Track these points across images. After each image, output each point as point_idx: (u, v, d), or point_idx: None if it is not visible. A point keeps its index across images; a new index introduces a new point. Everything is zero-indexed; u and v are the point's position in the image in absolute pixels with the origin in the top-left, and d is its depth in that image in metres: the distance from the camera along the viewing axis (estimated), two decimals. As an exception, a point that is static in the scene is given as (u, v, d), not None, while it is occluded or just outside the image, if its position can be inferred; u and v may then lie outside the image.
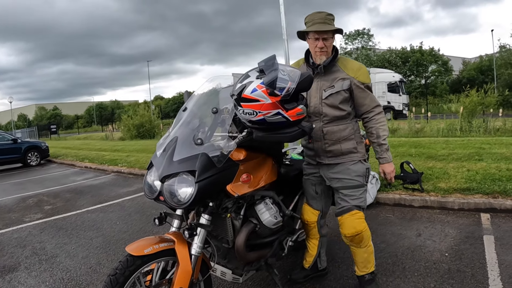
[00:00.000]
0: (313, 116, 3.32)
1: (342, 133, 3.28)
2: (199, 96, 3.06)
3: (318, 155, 3.38)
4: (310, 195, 3.60)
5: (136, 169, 12.04)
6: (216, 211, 2.81)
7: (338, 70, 3.26)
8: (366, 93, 3.28)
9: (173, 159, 2.63)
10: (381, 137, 3.29)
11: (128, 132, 27.41)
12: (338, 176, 3.32)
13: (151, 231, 5.82)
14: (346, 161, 3.31)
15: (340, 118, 3.28)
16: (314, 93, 3.29)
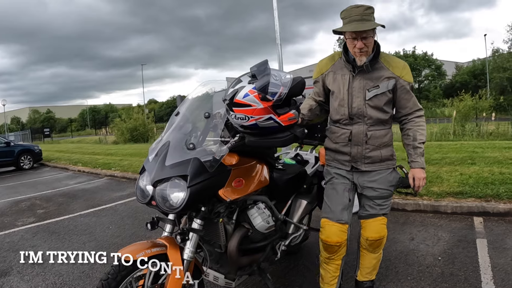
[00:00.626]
0: (356, 118, 3.10)
1: (384, 139, 3.12)
2: (192, 101, 3.05)
3: (355, 160, 3.16)
4: (341, 203, 3.19)
5: (129, 173, 12.02)
6: (208, 215, 2.80)
7: (382, 68, 3.03)
8: (410, 94, 3.08)
9: (165, 164, 2.62)
10: (417, 140, 3.05)
11: (121, 135, 27.38)
12: (374, 185, 3.14)
13: (143, 235, 5.79)
14: (383, 168, 3.15)
15: (383, 121, 3.11)
16: (357, 93, 3.05)
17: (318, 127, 3.97)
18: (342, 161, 3.22)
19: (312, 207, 3.88)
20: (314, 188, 3.79)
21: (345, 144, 3.17)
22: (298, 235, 3.65)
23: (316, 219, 5.43)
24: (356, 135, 3.10)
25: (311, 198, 3.74)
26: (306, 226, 3.77)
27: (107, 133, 35.02)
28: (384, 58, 3.05)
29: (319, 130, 3.95)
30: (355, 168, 3.17)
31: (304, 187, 3.68)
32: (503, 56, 41.84)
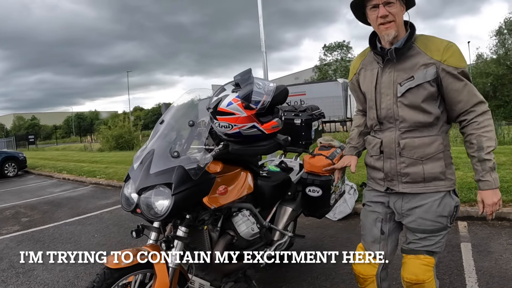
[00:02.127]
0: (386, 123, 2.46)
1: (427, 149, 2.35)
2: (176, 109, 3.06)
3: (389, 178, 2.49)
4: (371, 235, 2.69)
5: (114, 181, 11.95)
6: (193, 223, 2.80)
7: (419, 53, 2.31)
8: (462, 83, 2.26)
9: (149, 172, 2.62)
10: (483, 150, 2.24)
11: (107, 143, 27.24)
12: (415, 214, 2.43)
13: (129, 243, 5.76)
14: (429, 191, 2.38)
15: (425, 125, 2.35)
16: (386, 90, 2.41)
17: (302, 135, 4.00)
18: (377, 179, 2.61)
19: (297, 214, 3.89)
20: (298, 195, 3.80)
21: (378, 158, 2.56)
22: (283, 242, 3.66)
23: (301, 225, 5.48)
24: (387, 144, 2.47)
25: (296, 205, 3.76)
26: (291, 233, 3.79)
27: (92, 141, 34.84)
28: (420, 41, 2.34)
29: (304, 138, 3.98)
30: (390, 188, 2.52)
31: (289, 194, 3.69)
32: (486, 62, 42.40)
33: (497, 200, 2.26)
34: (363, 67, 2.60)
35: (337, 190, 3.88)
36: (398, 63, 2.35)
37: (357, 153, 2.90)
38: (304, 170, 3.76)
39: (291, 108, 4.27)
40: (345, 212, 6.13)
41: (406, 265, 2.51)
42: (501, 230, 5.21)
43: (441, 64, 2.24)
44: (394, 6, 2.25)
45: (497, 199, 2.26)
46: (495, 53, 42.66)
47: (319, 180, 3.62)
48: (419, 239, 2.45)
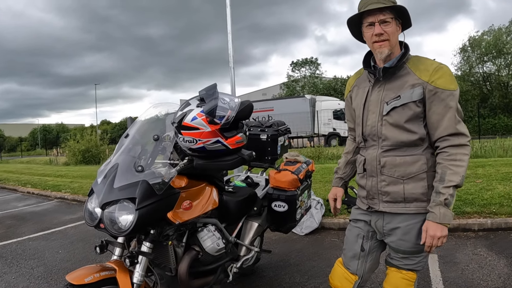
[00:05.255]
0: (370, 140, 2.46)
1: (409, 168, 2.31)
2: (142, 123, 3.05)
3: (371, 196, 2.48)
4: (351, 250, 2.64)
5: (80, 195, 11.74)
6: (158, 238, 2.78)
7: (408, 73, 2.30)
8: (445, 107, 2.21)
9: (113, 186, 2.60)
10: (444, 182, 2.17)
11: (73, 157, 26.83)
12: (396, 235, 2.40)
13: (94, 259, 5.65)
14: (410, 212, 2.33)
15: (408, 144, 2.31)
16: (373, 107, 2.41)
17: (268, 150, 4.02)
18: (361, 197, 2.60)
19: (263, 229, 3.91)
20: (264, 210, 3.82)
21: (362, 175, 2.55)
22: (250, 257, 3.67)
23: (268, 240, 5.48)
24: (369, 162, 2.46)
25: (262, 220, 3.77)
26: (257, 248, 3.79)
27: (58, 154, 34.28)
28: (412, 62, 2.35)
29: (270, 153, 4.00)
30: (371, 207, 2.50)
31: (255, 209, 3.70)
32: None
33: (440, 235, 2.17)
34: (357, 84, 2.61)
35: (303, 205, 3.91)
36: (388, 82, 2.36)
37: (344, 183, 2.86)
38: (270, 185, 3.78)
39: (257, 124, 4.29)
40: (312, 226, 6.16)
41: (389, 276, 2.52)
42: (466, 241, 5.37)
43: (428, 84, 2.22)
44: (390, 26, 2.28)
45: (440, 234, 2.16)
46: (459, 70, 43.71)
47: (284, 195, 3.64)
48: (401, 258, 2.43)
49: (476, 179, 8.37)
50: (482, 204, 6.40)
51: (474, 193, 7.06)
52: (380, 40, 2.29)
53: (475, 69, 42.67)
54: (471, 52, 42.20)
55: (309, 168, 3.98)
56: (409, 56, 2.37)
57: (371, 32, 2.30)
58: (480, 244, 5.21)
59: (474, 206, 6.32)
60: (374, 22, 2.28)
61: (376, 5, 2.24)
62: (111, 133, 57.43)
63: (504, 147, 14.29)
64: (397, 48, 2.37)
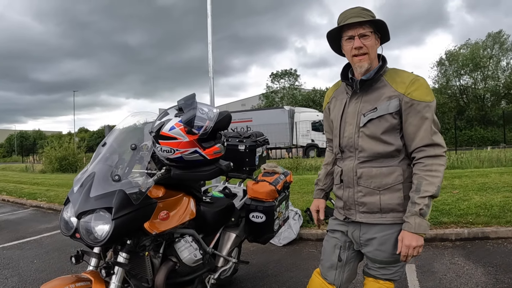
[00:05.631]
0: (347, 151, 2.47)
1: (385, 179, 2.33)
2: (120, 131, 3.03)
3: (348, 207, 2.48)
4: (329, 261, 2.63)
5: (56, 204, 11.58)
6: (134, 249, 2.75)
7: (385, 86, 2.33)
8: (421, 119, 2.24)
9: (89, 195, 2.56)
10: (419, 192, 2.19)
11: (50, 164, 26.47)
12: (373, 246, 2.41)
13: (70, 270, 5.55)
14: (386, 222, 2.34)
15: (384, 156, 2.34)
16: (350, 119, 2.42)
17: (246, 161, 4.02)
18: (338, 208, 2.60)
19: (241, 240, 3.90)
20: (242, 221, 3.81)
21: (339, 186, 2.56)
22: (227, 268, 3.65)
23: (246, 251, 5.47)
24: (346, 173, 2.47)
25: (240, 231, 3.76)
26: (235, 259, 3.77)
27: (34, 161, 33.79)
28: (389, 74, 2.38)
29: (248, 164, 4.00)
30: (348, 218, 2.51)
31: (232, 220, 3.69)
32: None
33: (415, 245, 2.19)
34: (335, 96, 2.63)
35: (281, 215, 3.91)
36: (365, 94, 2.38)
37: (325, 195, 2.87)
38: (248, 196, 3.77)
39: (236, 134, 4.30)
40: (290, 237, 6.16)
41: (367, 286, 2.53)
42: (443, 251, 5.45)
43: (404, 96, 2.24)
44: (369, 39, 2.30)
45: (415, 243, 2.18)
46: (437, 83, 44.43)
47: (262, 206, 3.64)
48: (378, 268, 2.45)
49: (453, 189, 8.53)
50: (459, 214, 6.53)
51: (451, 203, 7.23)
52: (360, 54, 2.31)
53: (452, 82, 43.53)
54: (448, 65, 42.98)
55: (287, 179, 3.99)
56: (386, 69, 2.40)
57: (351, 45, 2.33)
58: (457, 254, 5.30)
59: (451, 216, 6.45)
60: (353, 35, 2.31)
61: (356, 19, 2.27)
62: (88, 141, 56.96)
63: (480, 158, 14.59)
64: (376, 61, 2.39)
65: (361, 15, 2.29)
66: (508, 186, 8.54)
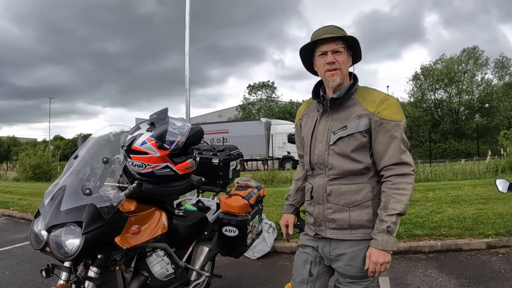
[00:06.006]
0: (317, 169, 2.49)
1: (354, 196, 2.35)
2: (92, 144, 3.01)
3: (318, 223, 2.49)
4: (300, 276, 2.63)
5: (28, 214, 11.37)
6: (105, 263, 2.73)
7: (355, 104, 2.37)
8: (390, 138, 2.28)
9: (60, 209, 2.54)
10: (387, 210, 2.21)
11: (23, 172, 26.04)
12: (343, 261, 2.41)
13: (41, 282, 5.47)
14: (356, 238, 2.36)
15: (353, 173, 2.36)
16: (321, 137, 2.45)
17: (220, 174, 4.03)
18: (309, 224, 2.61)
19: (214, 254, 3.89)
20: (215, 234, 3.80)
21: (309, 203, 2.57)
22: (200, 282, 3.63)
23: (220, 264, 5.46)
24: (316, 190, 2.49)
25: (213, 245, 3.75)
26: (208, 272, 3.76)
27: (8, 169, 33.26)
28: (360, 93, 2.42)
29: (221, 177, 4.01)
30: (318, 234, 2.51)
31: (205, 233, 3.67)
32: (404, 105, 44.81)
33: (383, 261, 2.20)
34: (306, 113, 2.65)
35: (254, 229, 3.91)
36: (336, 112, 2.41)
37: (294, 210, 2.88)
38: (221, 210, 3.77)
39: (210, 148, 4.30)
40: (264, 250, 6.17)
41: None
42: (417, 263, 5.53)
43: (374, 115, 2.28)
44: (342, 55, 2.33)
45: (382, 260, 2.20)
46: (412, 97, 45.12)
47: (235, 220, 3.63)
48: (348, 283, 2.44)
49: (427, 202, 8.64)
50: (432, 227, 6.64)
51: (425, 216, 7.33)
52: (332, 69, 2.34)
53: (427, 96, 44.32)
54: (424, 80, 43.70)
55: (261, 193, 4.00)
56: (357, 87, 2.44)
57: (324, 61, 2.35)
58: (430, 266, 5.39)
59: (424, 229, 6.54)
60: (327, 51, 2.34)
61: (330, 34, 2.31)
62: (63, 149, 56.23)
63: (454, 171, 14.80)
64: (347, 79, 2.43)
65: (334, 32, 2.33)
66: (481, 199, 8.70)
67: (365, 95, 2.38)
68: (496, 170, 15.08)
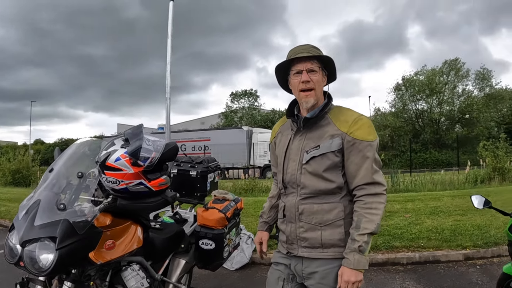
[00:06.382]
0: (290, 187, 2.50)
1: (326, 215, 2.35)
2: (68, 157, 2.98)
3: (290, 241, 2.50)
4: None
5: (6, 220, 11.21)
6: (79, 278, 2.70)
7: (329, 124, 2.39)
8: (363, 158, 2.30)
9: (34, 224, 2.52)
10: (359, 229, 2.22)
11: (3, 177, 25.64)
12: (315, 279, 2.39)
13: (16, 293, 5.42)
14: (328, 257, 2.35)
15: (325, 192, 2.36)
16: (294, 156, 2.46)
17: (198, 186, 4.03)
18: (282, 241, 2.61)
19: (191, 266, 3.87)
20: (192, 247, 3.79)
21: (282, 221, 2.57)
22: (177, 294, 3.62)
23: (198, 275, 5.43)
24: (288, 208, 2.49)
25: (190, 258, 3.74)
26: (185, 285, 3.75)
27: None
28: (333, 113, 2.43)
29: (199, 190, 4.00)
30: (290, 252, 2.52)
31: (182, 246, 3.66)
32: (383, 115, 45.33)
33: (354, 280, 2.19)
34: (281, 131, 2.67)
35: (230, 242, 3.90)
36: (309, 131, 2.42)
37: (268, 227, 2.89)
38: (197, 223, 3.77)
39: (188, 160, 4.29)
40: (243, 261, 6.17)
41: None
42: (395, 275, 5.58)
43: (347, 135, 2.29)
44: (317, 75, 2.36)
45: (354, 279, 2.19)
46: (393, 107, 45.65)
47: (211, 233, 3.62)
48: None
49: (406, 213, 8.69)
50: (411, 238, 6.69)
51: (403, 227, 7.39)
52: (307, 89, 2.36)
53: (408, 106, 44.86)
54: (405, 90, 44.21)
55: (238, 206, 3.99)
56: (331, 106, 2.47)
57: (298, 79, 2.37)
58: (408, 277, 5.44)
59: (403, 241, 6.59)
60: (302, 70, 2.35)
61: (306, 53, 2.34)
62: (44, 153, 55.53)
63: (434, 181, 14.95)
64: (322, 98, 2.46)
65: (310, 51, 2.36)
66: (459, 210, 8.83)
67: (338, 114, 2.40)
68: (475, 180, 15.32)
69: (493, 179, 15.21)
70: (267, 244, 2.87)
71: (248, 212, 9.24)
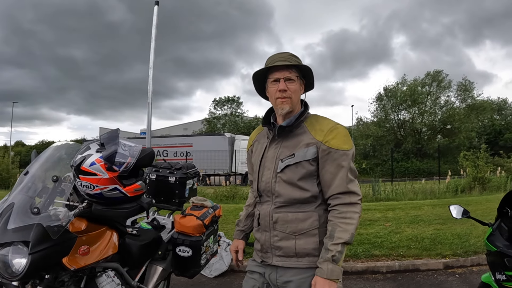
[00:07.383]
0: (264, 196, 2.49)
1: (300, 225, 2.33)
2: (44, 160, 2.94)
3: (264, 250, 2.48)
4: None
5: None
6: (53, 284, 2.66)
7: (304, 132, 2.38)
8: (338, 167, 2.28)
9: (7, 227, 2.47)
10: (333, 239, 2.19)
11: (-18, 179, 25.31)
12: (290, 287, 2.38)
13: (-11, 299, 5.34)
14: (302, 266, 2.33)
15: (300, 201, 2.35)
16: (269, 164, 2.44)
17: (176, 193, 4.00)
18: (257, 250, 2.60)
19: (168, 273, 3.83)
20: (169, 254, 3.75)
21: (257, 229, 2.57)
22: (153, 301, 3.58)
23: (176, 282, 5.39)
24: (263, 217, 2.48)
25: (167, 265, 3.69)
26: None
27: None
28: (309, 121, 2.43)
29: (178, 196, 3.98)
30: (264, 261, 2.50)
31: (159, 253, 3.62)
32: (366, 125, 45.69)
33: None
34: (257, 139, 2.66)
35: (208, 250, 3.88)
36: (285, 140, 2.41)
37: (245, 235, 2.87)
38: (175, 230, 3.74)
39: (167, 166, 4.27)
40: (221, 269, 6.14)
41: None
42: (375, 283, 5.60)
43: (322, 144, 2.28)
44: (294, 84, 2.35)
45: None
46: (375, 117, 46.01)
47: (189, 241, 3.60)
48: None
49: (386, 222, 8.74)
50: (391, 247, 6.73)
51: (383, 236, 7.44)
52: (284, 97, 2.35)
53: (390, 116, 45.25)
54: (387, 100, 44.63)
55: (216, 213, 3.97)
56: (308, 115, 2.46)
57: (276, 88, 2.36)
58: (388, 286, 5.47)
59: (382, 249, 6.63)
60: (279, 78, 2.35)
61: (284, 62, 2.32)
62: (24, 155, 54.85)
63: (415, 190, 15.06)
64: (298, 106, 2.45)
65: (288, 59, 2.35)
66: (439, 219, 8.89)
67: (314, 123, 2.40)
68: (456, 190, 15.49)
69: (474, 188, 15.37)
70: (244, 253, 2.84)
71: (229, 219, 9.21)
